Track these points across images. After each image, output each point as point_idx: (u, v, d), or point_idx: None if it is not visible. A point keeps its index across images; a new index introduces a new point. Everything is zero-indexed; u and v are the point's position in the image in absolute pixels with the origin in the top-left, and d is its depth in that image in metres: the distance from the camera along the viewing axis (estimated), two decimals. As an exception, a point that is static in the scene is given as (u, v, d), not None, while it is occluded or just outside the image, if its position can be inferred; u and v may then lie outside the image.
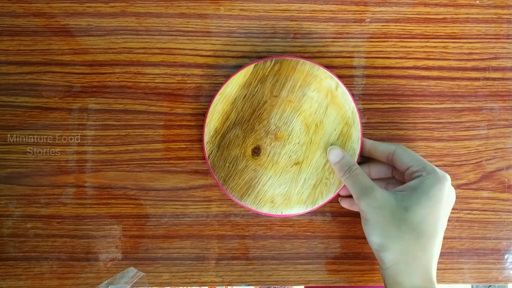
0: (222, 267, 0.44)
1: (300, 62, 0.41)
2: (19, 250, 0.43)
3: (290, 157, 0.43)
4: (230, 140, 0.42)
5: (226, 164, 0.42)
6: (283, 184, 0.42)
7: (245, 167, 0.42)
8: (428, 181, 0.37)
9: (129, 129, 0.44)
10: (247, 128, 0.42)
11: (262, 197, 0.42)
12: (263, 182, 0.42)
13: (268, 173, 0.42)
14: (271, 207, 0.42)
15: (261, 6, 0.44)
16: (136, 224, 0.44)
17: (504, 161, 0.45)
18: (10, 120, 0.43)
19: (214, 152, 0.42)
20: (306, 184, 0.42)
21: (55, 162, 0.43)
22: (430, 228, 0.36)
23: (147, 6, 0.43)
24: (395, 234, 0.36)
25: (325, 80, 0.42)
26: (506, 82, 0.45)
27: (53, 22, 0.43)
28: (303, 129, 0.42)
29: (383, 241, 0.36)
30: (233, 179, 0.42)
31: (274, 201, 0.42)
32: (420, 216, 0.36)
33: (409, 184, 0.38)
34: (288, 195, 0.42)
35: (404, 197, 0.37)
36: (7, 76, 0.43)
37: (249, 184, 0.42)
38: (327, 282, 0.45)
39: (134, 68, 0.43)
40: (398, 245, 0.36)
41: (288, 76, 0.42)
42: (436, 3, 0.45)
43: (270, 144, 0.42)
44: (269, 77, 0.42)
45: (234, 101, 0.42)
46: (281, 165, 0.43)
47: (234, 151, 0.42)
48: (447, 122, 0.45)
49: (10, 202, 0.43)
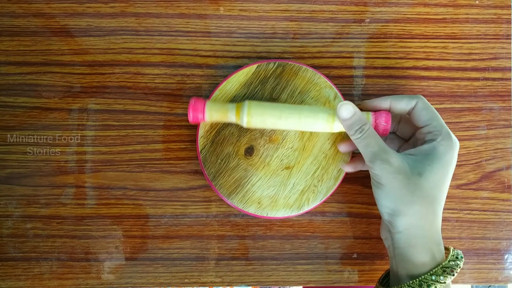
0: (222, 267, 0.44)
1: (302, 68, 0.42)
2: (19, 251, 0.43)
3: (281, 160, 0.43)
4: (224, 137, 0.42)
5: (217, 161, 0.42)
6: (272, 186, 0.43)
7: (237, 166, 0.42)
8: (442, 148, 0.37)
9: (128, 129, 0.44)
10: (242, 127, 0.42)
11: (250, 197, 0.42)
12: (252, 182, 0.43)
13: (259, 174, 0.43)
14: (258, 207, 0.42)
15: (260, 7, 0.44)
16: (135, 224, 0.44)
17: (503, 161, 0.45)
18: (10, 121, 0.43)
19: (207, 147, 0.42)
20: (294, 189, 0.43)
21: (55, 162, 0.43)
22: (441, 193, 0.37)
23: (146, 6, 0.43)
24: (409, 199, 0.36)
25: (324, 89, 0.42)
26: (506, 82, 0.45)
27: (52, 23, 0.43)
28: (298, 135, 0.43)
29: (397, 206, 0.36)
30: (223, 176, 0.42)
31: (261, 202, 0.42)
32: (433, 182, 0.36)
33: (422, 148, 0.37)
34: (275, 198, 0.43)
35: (417, 162, 0.37)
36: (7, 76, 0.43)
37: (238, 183, 0.42)
38: (327, 282, 0.45)
39: (133, 69, 0.43)
40: (412, 210, 0.36)
41: (289, 80, 0.42)
42: (435, 4, 0.45)
43: (264, 146, 0.43)
44: (271, 79, 0.42)
45: (233, 98, 0.42)
46: (272, 168, 0.43)
47: (227, 149, 0.42)
48: (447, 122, 0.45)
49: (9, 202, 0.43)
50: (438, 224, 0.37)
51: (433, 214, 0.37)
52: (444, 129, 0.38)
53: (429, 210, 0.36)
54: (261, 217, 0.43)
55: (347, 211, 0.45)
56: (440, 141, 0.37)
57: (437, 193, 0.37)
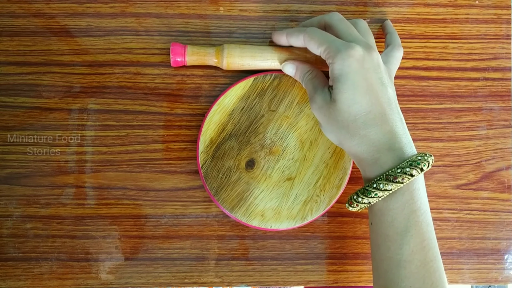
0: (222, 267, 0.44)
1: None
2: (19, 251, 0.43)
3: (283, 172, 0.43)
4: (224, 151, 0.42)
5: (219, 175, 0.42)
6: (274, 198, 0.43)
7: (238, 179, 0.42)
8: (335, 66, 0.36)
9: (128, 129, 0.44)
10: (242, 141, 0.42)
11: (253, 210, 0.42)
12: (254, 195, 0.43)
13: (261, 187, 0.43)
14: (261, 220, 0.42)
15: (261, 7, 0.44)
16: (135, 224, 0.44)
17: (503, 161, 0.45)
18: (9, 121, 0.43)
19: (208, 162, 0.42)
20: (297, 200, 0.43)
21: (55, 162, 0.43)
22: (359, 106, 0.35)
23: (146, 6, 0.43)
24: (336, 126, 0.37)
25: None
26: (506, 82, 0.45)
27: (52, 23, 0.43)
28: (298, 145, 0.43)
29: (336, 136, 0.38)
30: (225, 190, 0.42)
31: (264, 215, 0.42)
32: (345, 102, 0.36)
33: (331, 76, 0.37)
34: (278, 209, 0.43)
35: (333, 90, 0.36)
36: (7, 76, 0.43)
37: (240, 197, 0.42)
38: (327, 282, 0.45)
39: (133, 69, 0.43)
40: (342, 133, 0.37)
41: (286, 91, 0.42)
42: (435, 4, 0.45)
43: (265, 158, 0.43)
44: (268, 91, 0.42)
45: (232, 112, 0.42)
46: (273, 180, 0.43)
47: (228, 163, 0.42)
48: (446, 123, 0.45)
49: (9, 202, 0.43)
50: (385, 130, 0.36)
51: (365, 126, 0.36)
52: (334, 47, 0.36)
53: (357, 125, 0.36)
54: (266, 230, 0.43)
55: (347, 211, 0.45)
56: (332, 61, 0.36)
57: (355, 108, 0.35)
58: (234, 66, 0.41)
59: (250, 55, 0.41)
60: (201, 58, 0.41)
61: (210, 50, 0.41)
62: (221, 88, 0.44)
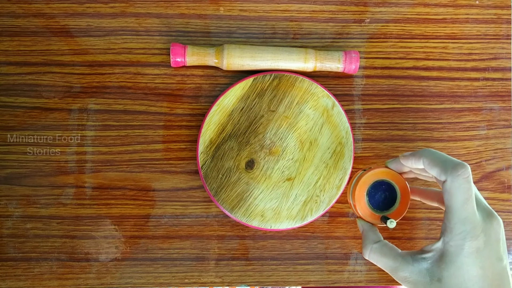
0: (222, 267, 0.44)
1: (299, 79, 0.42)
2: (19, 251, 0.43)
3: (283, 172, 0.43)
4: (224, 151, 0.42)
5: (219, 176, 0.42)
6: (274, 198, 0.43)
7: (238, 180, 0.42)
8: (452, 249, 0.33)
9: (128, 129, 0.44)
10: (242, 141, 0.42)
11: (253, 211, 0.42)
12: (254, 195, 0.43)
13: (260, 187, 0.43)
14: (261, 220, 0.42)
15: (260, 7, 0.44)
16: (136, 224, 0.44)
17: (503, 162, 0.45)
18: (9, 121, 0.43)
19: (208, 163, 0.42)
20: (296, 200, 0.43)
21: (55, 162, 0.43)
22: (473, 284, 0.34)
23: (146, 6, 0.43)
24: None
25: (322, 99, 0.42)
26: (506, 82, 0.45)
27: (52, 23, 0.43)
28: (298, 146, 0.43)
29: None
30: (225, 190, 0.42)
31: (264, 215, 0.42)
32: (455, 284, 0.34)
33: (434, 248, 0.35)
34: (278, 210, 0.43)
35: (434, 266, 0.34)
36: (7, 76, 0.43)
37: (240, 197, 0.42)
38: (327, 282, 0.45)
39: (133, 69, 0.43)
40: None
41: (286, 91, 0.42)
42: (435, 4, 0.45)
43: (264, 158, 0.43)
44: (268, 91, 0.42)
45: (231, 113, 0.42)
46: (273, 180, 0.43)
47: (227, 163, 0.42)
48: (446, 123, 0.45)
49: (10, 202, 0.43)
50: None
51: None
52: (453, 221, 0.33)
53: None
54: (265, 230, 0.43)
55: (347, 211, 0.45)
56: (449, 241, 0.34)
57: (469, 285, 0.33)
58: (234, 67, 0.41)
59: (250, 55, 0.41)
60: (201, 59, 0.41)
61: (210, 51, 0.41)
62: (221, 88, 0.44)
